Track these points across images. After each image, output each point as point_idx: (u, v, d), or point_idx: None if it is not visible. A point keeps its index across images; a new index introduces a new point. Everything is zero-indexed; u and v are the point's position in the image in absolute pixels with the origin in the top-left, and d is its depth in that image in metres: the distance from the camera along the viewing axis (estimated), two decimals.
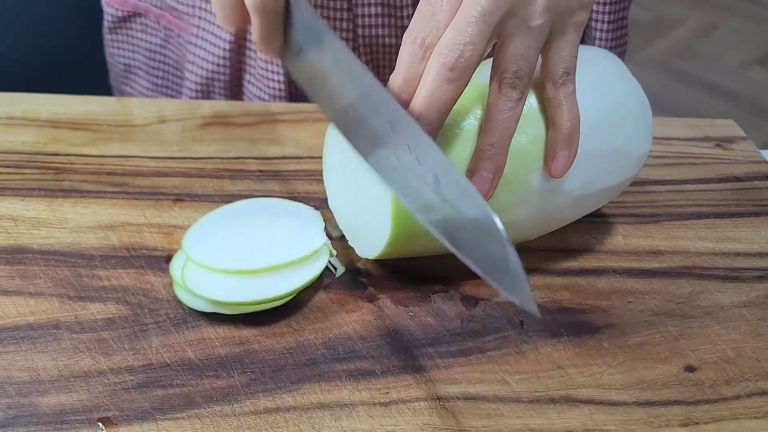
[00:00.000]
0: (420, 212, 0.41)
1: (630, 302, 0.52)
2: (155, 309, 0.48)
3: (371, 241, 0.50)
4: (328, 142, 0.52)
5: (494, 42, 0.45)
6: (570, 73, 0.47)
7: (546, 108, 0.48)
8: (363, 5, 0.66)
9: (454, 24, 0.43)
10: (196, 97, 0.75)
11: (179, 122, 0.64)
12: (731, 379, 0.47)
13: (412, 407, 0.44)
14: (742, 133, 0.70)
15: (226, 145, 0.62)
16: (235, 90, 0.75)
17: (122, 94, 0.85)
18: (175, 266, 0.49)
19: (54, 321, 0.47)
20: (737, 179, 0.64)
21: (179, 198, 0.56)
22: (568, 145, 0.48)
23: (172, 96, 0.80)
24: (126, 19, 0.78)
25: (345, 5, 0.66)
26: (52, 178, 0.57)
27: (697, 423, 0.45)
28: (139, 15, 0.77)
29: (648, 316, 0.51)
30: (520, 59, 0.45)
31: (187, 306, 0.48)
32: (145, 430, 0.42)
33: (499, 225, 0.39)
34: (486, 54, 0.44)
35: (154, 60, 0.79)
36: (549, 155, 0.48)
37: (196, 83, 0.74)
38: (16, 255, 0.51)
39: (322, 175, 0.54)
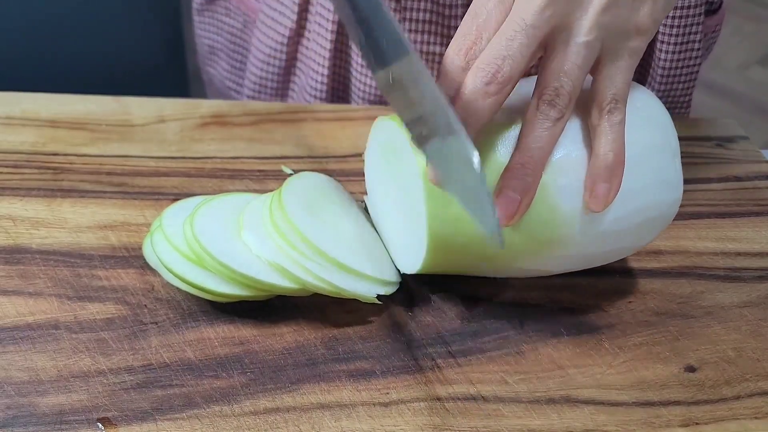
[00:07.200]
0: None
1: (630, 302, 0.52)
2: (154, 309, 0.48)
3: (408, 256, 0.49)
4: (368, 154, 0.53)
5: (539, 56, 0.44)
6: (619, 101, 0.44)
7: (591, 137, 0.44)
8: (411, 10, 0.66)
9: (495, 37, 0.42)
10: (256, 83, 0.78)
11: (178, 122, 0.64)
12: (732, 380, 0.47)
13: (412, 407, 0.44)
14: (742, 133, 0.70)
15: (226, 144, 0.62)
16: (286, 77, 0.77)
17: (207, 74, 0.89)
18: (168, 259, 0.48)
19: (53, 321, 0.47)
20: (738, 179, 0.64)
21: (179, 198, 0.56)
22: (609, 177, 0.44)
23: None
24: (211, 1, 0.82)
25: (392, 5, 0.65)
26: (51, 177, 0.57)
27: (697, 423, 0.45)
28: None
29: (648, 316, 0.51)
30: (562, 75, 0.43)
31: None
32: (145, 430, 0.42)
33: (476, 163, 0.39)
34: (530, 68, 0.43)
35: (233, 43, 0.82)
36: (587, 187, 0.44)
37: (256, 66, 0.76)
38: (15, 255, 0.51)
39: None
